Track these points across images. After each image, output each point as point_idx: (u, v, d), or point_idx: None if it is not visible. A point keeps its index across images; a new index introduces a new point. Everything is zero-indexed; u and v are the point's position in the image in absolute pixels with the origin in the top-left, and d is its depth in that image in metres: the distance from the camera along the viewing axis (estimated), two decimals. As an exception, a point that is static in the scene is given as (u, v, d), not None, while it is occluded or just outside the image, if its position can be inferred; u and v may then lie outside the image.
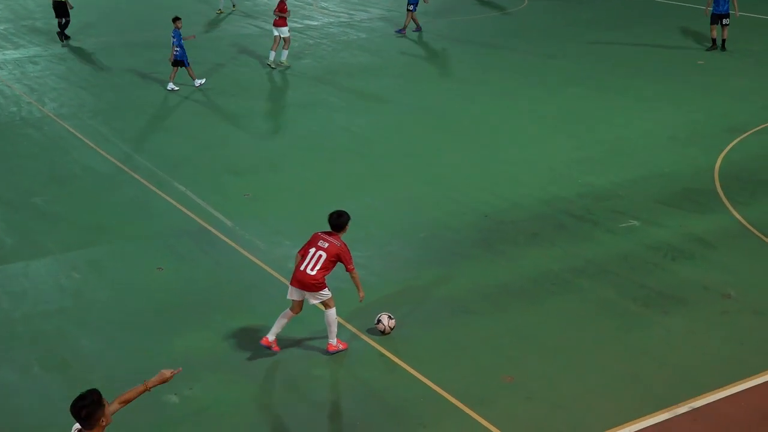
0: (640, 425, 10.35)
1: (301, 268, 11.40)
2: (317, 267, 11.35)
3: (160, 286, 13.79)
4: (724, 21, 27.39)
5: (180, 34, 23.96)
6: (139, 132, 21.15)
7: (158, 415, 10.51)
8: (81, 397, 7.08)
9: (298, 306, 11.70)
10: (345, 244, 11.58)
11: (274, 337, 11.70)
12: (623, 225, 15.64)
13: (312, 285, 11.38)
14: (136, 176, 18.15)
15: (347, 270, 11.61)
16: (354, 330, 12.38)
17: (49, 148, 20.11)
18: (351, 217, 11.76)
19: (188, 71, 24.48)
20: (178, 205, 16.64)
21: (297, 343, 12.13)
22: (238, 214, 16.29)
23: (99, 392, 7.17)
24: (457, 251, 14.84)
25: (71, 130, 21.17)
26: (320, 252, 11.40)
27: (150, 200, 17.03)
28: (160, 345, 12.02)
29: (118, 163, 18.89)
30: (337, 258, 11.44)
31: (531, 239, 15.22)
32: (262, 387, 11.29)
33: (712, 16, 27.56)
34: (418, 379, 11.25)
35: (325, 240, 11.51)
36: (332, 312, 11.65)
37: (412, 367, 11.49)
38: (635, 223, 15.72)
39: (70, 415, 7.10)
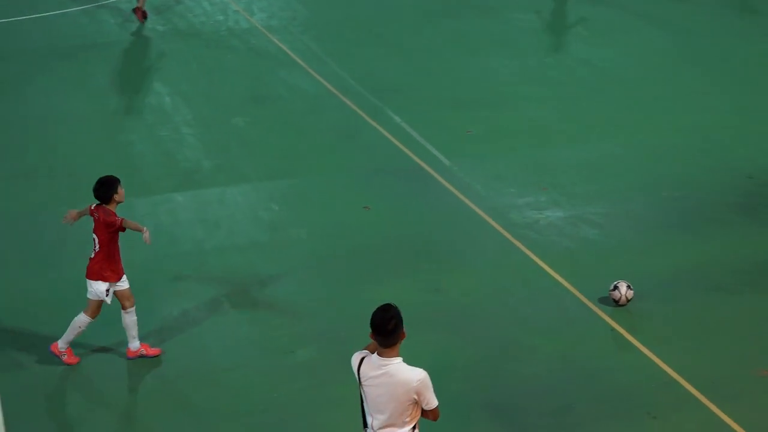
0: None
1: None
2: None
3: (365, 226, 14.05)
4: None
5: None
6: (355, 52, 21.48)
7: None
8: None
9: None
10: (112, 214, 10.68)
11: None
12: None
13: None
14: (346, 101, 18.50)
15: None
16: (582, 297, 12.21)
17: (253, 63, 20.79)
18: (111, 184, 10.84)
19: None
20: (391, 137, 16.85)
21: (509, 307, 12.10)
22: (457, 152, 16.32)
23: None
24: (710, 216, 14.33)
25: (279, 44, 21.78)
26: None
27: (360, 129, 17.33)
28: (359, 292, 12.21)
29: (328, 85, 19.30)
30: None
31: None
32: (464, 352, 11.30)
33: None
34: (653, 362, 11.00)
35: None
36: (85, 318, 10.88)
37: (647, 347, 11.22)
38: None
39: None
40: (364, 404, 7.55)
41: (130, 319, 10.92)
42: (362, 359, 7.52)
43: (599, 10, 24.45)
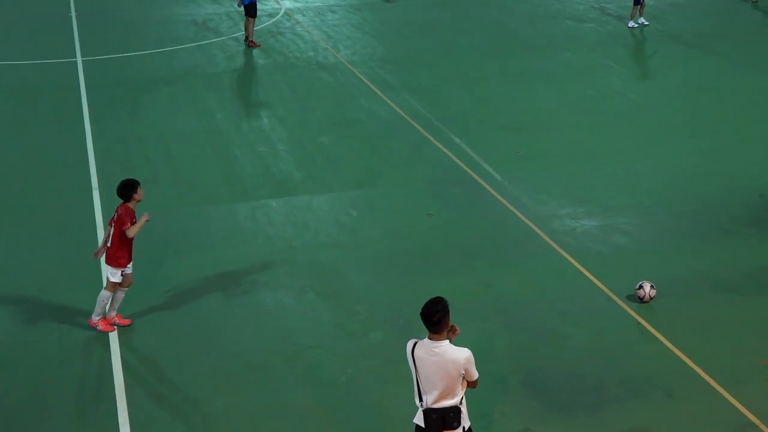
0: None
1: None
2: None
3: (428, 230, 14.07)
4: None
5: None
6: (424, 83, 21.49)
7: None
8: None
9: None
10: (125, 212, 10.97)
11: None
12: None
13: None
14: (415, 124, 18.54)
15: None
16: (611, 294, 12.11)
17: (338, 92, 20.91)
18: (132, 186, 11.04)
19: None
20: (452, 156, 16.86)
21: (548, 301, 12.03)
22: (508, 169, 16.27)
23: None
24: (726, 228, 14.08)
25: (360, 76, 21.90)
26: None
27: (426, 148, 17.35)
28: (422, 285, 12.20)
29: (400, 111, 19.35)
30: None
31: (806, 224, 14.22)
32: (504, 339, 11.26)
33: None
34: (672, 351, 10.86)
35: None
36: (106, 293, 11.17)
37: (667, 339, 11.09)
38: None
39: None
40: (419, 383, 7.60)
41: (120, 296, 11.28)
42: (415, 344, 7.59)
43: (633, 49, 24.23)
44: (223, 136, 18.11)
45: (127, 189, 11.04)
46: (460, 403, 7.62)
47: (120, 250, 11.00)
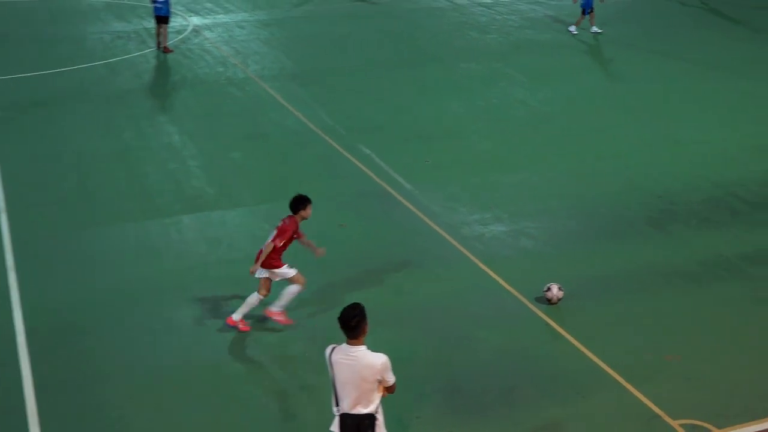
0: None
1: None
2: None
3: (342, 240, 14.02)
4: None
5: None
6: (333, 97, 21.46)
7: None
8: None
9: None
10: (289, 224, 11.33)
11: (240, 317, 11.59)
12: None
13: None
14: (325, 137, 18.49)
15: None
16: (520, 297, 12.24)
17: (249, 107, 20.75)
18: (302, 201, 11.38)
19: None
20: (362, 167, 16.86)
21: (460, 306, 12.10)
22: (418, 178, 16.34)
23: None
24: (630, 229, 14.40)
25: (270, 91, 21.76)
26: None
27: (337, 160, 17.32)
28: (338, 294, 12.18)
29: (310, 124, 19.28)
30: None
31: (703, 222, 14.61)
32: (422, 344, 11.28)
33: None
34: (581, 351, 11.02)
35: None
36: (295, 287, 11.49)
37: (576, 339, 11.26)
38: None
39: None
40: (336, 387, 7.56)
41: (253, 301, 11.47)
42: (333, 348, 7.58)
43: (534, 59, 24.65)
44: (134, 154, 17.77)
45: (297, 203, 11.35)
46: (376, 411, 7.60)
47: (275, 253, 11.26)
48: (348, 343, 7.51)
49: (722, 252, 13.59)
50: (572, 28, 27.51)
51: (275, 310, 11.55)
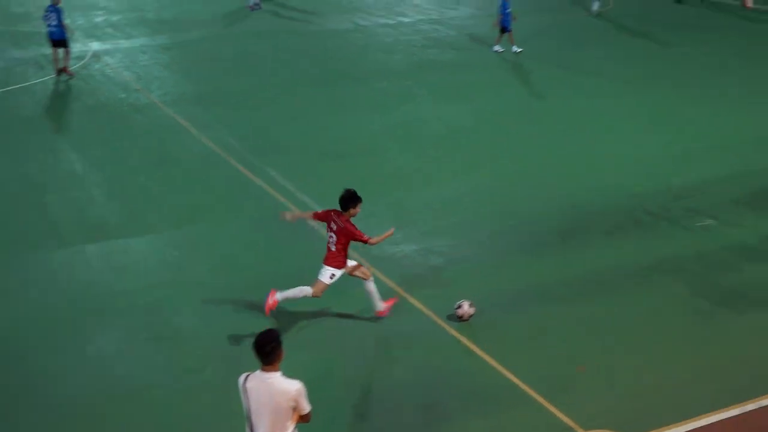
0: (716, 417, 10.05)
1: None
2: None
3: (253, 264, 13.86)
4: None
5: None
6: (238, 118, 21.26)
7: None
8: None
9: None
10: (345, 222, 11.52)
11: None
12: (700, 224, 15.19)
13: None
14: (231, 160, 18.28)
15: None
16: (432, 315, 12.25)
17: (153, 132, 20.38)
18: (353, 199, 11.51)
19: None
20: (268, 188, 16.70)
21: (374, 326, 12.05)
22: (329, 198, 16.19)
23: None
24: (543, 240, 14.60)
25: (174, 115, 21.43)
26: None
27: (243, 182, 17.12)
28: (252, 318, 12.00)
29: (216, 147, 19.04)
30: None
31: (613, 232, 14.91)
32: (339, 365, 11.20)
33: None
34: (493, 366, 11.07)
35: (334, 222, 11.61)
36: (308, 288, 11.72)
37: (488, 354, 11.31)
38: (713, 222, 15.25)
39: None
40: (251, 416, 7.41)
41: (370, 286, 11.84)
42: (247, 376, 7.43)
43: (444, 77, 24.88)
44: (34, 183, 17.26)
45: (346, 201, 11.37)
46: None
47: (341, 254, 11.44)
48: (262, 370, 7.37)
49: (634, 260, 13.85)
50: (497, 47, 27.85)
51: (278, 297, 11.56)
